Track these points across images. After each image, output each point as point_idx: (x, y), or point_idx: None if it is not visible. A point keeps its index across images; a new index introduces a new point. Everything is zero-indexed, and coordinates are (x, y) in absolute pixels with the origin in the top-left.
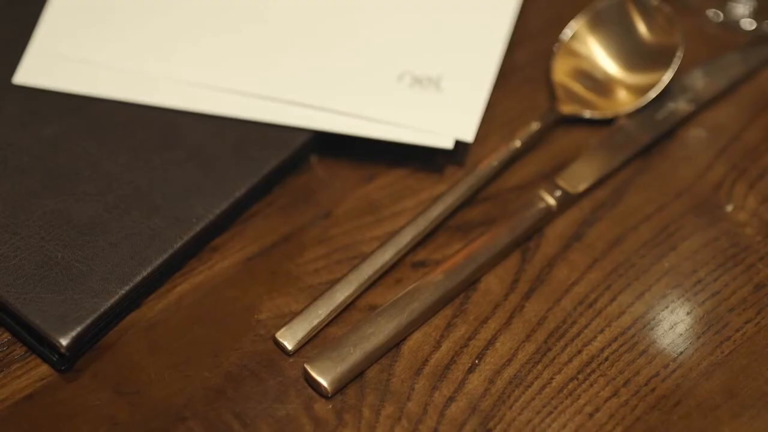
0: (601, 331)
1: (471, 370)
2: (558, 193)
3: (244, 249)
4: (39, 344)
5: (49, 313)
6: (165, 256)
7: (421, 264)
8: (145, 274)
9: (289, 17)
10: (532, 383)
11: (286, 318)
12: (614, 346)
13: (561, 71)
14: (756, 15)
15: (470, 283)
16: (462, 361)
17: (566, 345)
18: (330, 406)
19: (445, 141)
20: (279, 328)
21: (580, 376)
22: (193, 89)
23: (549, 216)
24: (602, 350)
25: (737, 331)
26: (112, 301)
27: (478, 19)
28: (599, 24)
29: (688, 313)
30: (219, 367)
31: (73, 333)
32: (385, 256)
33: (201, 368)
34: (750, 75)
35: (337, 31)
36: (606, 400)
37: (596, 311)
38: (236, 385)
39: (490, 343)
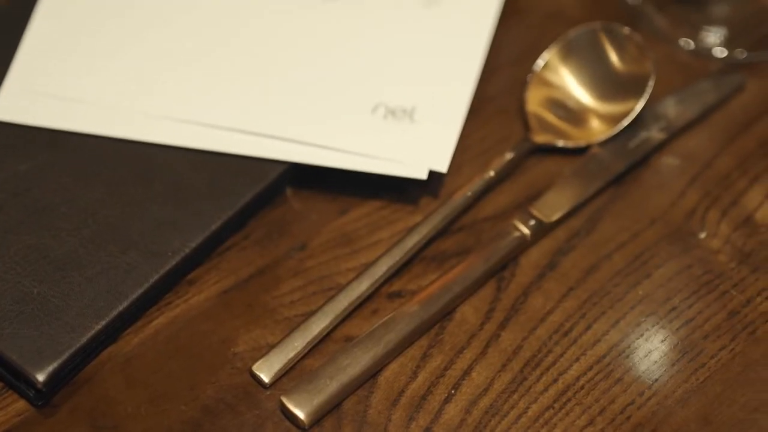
0: (577, 359)
1: (447, 400)
2: (532, 222)
3: (220, 282)
4: (15, 380)
5: (26, 348)
6: (141, 290)
7: (397, 294)
8: (121, 308)
9: (263, 52)
10: (509, 413)
11: (263, 350)
12: (590, 374)
13: (534, 101)
14: (727, 43)
15: (446, 313)
16: (438, 391)
17: (542, 374)
18: None
19: (419, 172)
20: (255, 360)
21: (556, 405)
22: (167, 123)
23: (523, 245)
24: (578, 379)
25: (712, 358)
26: (88, 336)
27: (451, 50)
28: (571, 53)
29: (662, 341)
30: (196, 401)
31: (50, 368)
32: (361, 287)
33: (178, 402)
34: (722, 102)
35: (311, 64)
36: (582, 429)
37: (571, 340)
38: (213, 418)
39: (466, 373)
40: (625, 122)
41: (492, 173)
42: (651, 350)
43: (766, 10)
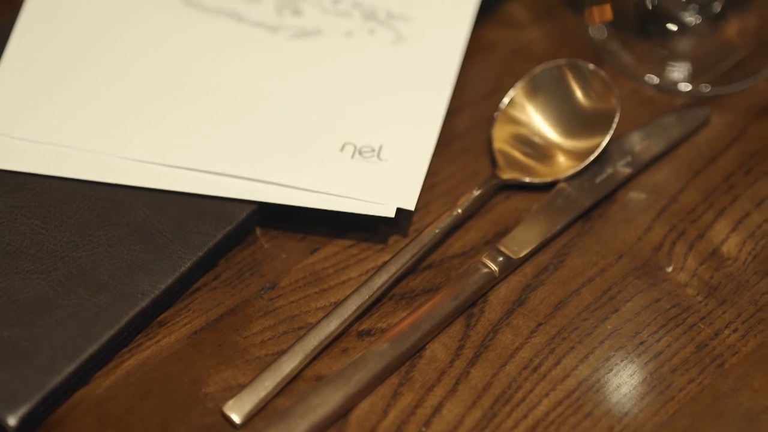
0: (546, 395)
1: None
2: (500, 258)
3: (191, 323)
4: None
5: None
6: (111, 332)
7: (367, 333)
8: (92, 351)
9: (230, 92)
10: None
11: (234, 390)
12: (560, 409)
13: (501, 138)
14: (691, 78)
15: (416, 351)
16: (409, 429)
17: (512, 410)
18: None
19: (386, 210)
20: (226, 400)
21: None
22: (136, 165)
23: (492, 282)
24: (548, 414)
25: (680, 391)
26: (59, 378)
27: (418, 87)
28: (537, 90)
29: (631, 375)
30: None
31: (21, 411)
32: (331, 326)
33: None
34: (687, 137)
35: (279, 103)
36: None
37: (541, 375)
38: None
39: (437, 410)
40: (592, 158)
41: (460, 210)
42: (620, 384)
43: (729, 45)
